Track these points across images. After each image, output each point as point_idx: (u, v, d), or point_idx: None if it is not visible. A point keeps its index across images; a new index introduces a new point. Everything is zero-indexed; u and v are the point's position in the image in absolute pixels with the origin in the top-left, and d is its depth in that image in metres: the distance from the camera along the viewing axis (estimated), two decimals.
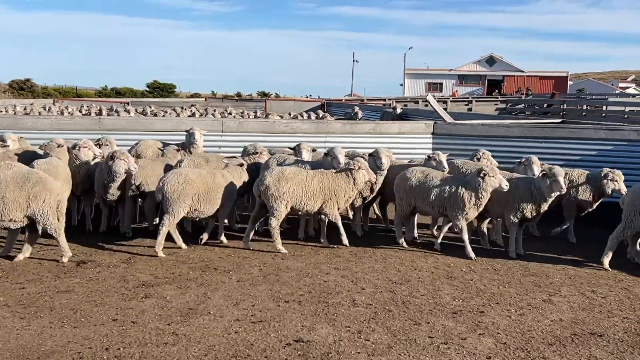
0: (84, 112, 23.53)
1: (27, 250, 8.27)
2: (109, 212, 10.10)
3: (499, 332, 6.18)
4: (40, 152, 9.87)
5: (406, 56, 78.18)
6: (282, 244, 8.97)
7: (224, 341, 5.79)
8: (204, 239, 9.25)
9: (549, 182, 8.79)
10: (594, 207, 10.01)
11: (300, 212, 9.31)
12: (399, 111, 23.10)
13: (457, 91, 69.65)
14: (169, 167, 9.76)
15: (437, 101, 26.84)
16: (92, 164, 9.70)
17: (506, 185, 8.78)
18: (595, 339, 6.08)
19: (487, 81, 76.30)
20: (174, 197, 8.57)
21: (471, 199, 8.85)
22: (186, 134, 11.19)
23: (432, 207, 9.20)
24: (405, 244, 9.49)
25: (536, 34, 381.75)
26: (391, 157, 10.41)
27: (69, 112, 22.47)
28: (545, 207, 8.99)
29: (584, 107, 29.43)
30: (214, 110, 26.05)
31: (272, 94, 75.00)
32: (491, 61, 79.19)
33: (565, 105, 28.53)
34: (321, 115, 25.54)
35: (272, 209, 8.86)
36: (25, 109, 23.67)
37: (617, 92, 61.69)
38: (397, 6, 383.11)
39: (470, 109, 35.73)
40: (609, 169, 9.72)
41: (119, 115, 20.97)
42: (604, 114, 25.33)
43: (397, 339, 5.95)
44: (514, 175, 9.52)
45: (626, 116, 23.41)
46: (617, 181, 9.57)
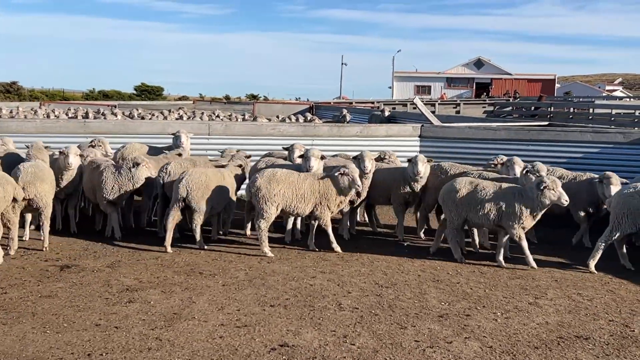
0: (70, 115, 23.35)
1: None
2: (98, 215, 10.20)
3: (484, 336, 6.16)
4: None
5: (395, 59, 78.12)
6: (269, 247, 8.93)
7: (208, 346, 5.74)
8: (214, 236, 9.79)
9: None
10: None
11: (291, 215, 9.27)
12: (387, 114, 23.15)
13: (445, 94, 69.83)
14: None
15: (426, 104, 26.94)
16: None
17: (566, 200, 8.38)
18: (581, 342, 6.08)
19: (475, 84, 76.57)
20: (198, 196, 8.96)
21: (528, 212, 8.50)
22: (173, 136, 11.20)
23: (486, 219, 8.74)
24: (463, 260, 8.93)
25: (524, 37, 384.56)
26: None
27: (56, 115, 22.34)
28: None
29: (571, 109, 29.53)
30: (202, 113, 25.95)
31: (260, 97, 74.91)
32: (479, 64, 79.52)
33: (552, 108, 28.56)
34: (309, 118, 25.53)
35: (261, 211, 8.82)
36: (10, 112, 23.47)
37: (604, 95, 62.09)
38: (385, 9, 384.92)
39: (458, 112, 35.84)
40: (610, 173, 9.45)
41: (105, 118, 20.84)
42: (590, 117, 25.44)
43: (382, 343, 5.92)
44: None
45: (613, 119, 23.51)
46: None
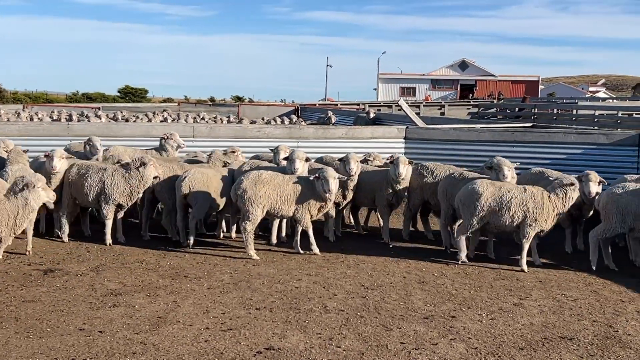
0: (54, 118, 23.19)
1: None
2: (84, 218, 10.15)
3: (470, 337, 6.18)
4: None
5: (380, 61, 78.40)
6: (254, 250, 8.91)
7: (194, 350, 5.71)
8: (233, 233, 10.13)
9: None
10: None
11: (276, 217, 9.27)
12: (372, 116, 23.15)
13: (430, 95, 70.11)
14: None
15: (411, 105, 27.02)
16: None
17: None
18: (565, 343, 6.11)
19: (459, 85, 76.93)
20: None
21: (555, 212, 8.64)
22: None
23: (510, 220, 8.65)
24: (466, 260, 8.92)
25: (508, 38, 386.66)
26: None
27: (39, 118, 22.14)
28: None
29: (555, 111, 29.73)
30: (187, 115, 25.87)
31: (246, 99, 74.77)
32: (464, 66, 79.94)
33: (536, 109, 28.77)
34: (294, 120, 25.52)
35: (247, 213, 8.80)
36: None
37: (587, 96, 62.55)
38: (370, 11, 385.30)
39: (443, 114, 36.01)
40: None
41: (89, 120, 20.72)
42: (574, 118, 25.59)
43: (368, 345, 5.92)
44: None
45: (596, 120, 23.68)
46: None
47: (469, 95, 68.58)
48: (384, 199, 10.05)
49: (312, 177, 8.89)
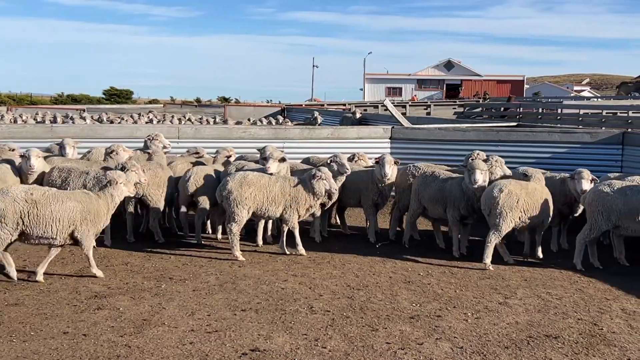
0: (38, 120, 23.03)
1: None
2: None
3: (455, 336, 6.19)
4: None
5: (366, 61, 79.09)
6: (240, 251, 8.88)
7: (178, 352, 5.68)
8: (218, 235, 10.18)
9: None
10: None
11: (262, 218, 9.25)
12: (358, 116, 23.19)
13: (416, 95, 70.37)
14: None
15: (397, 106, 27.06)
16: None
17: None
18: (550, 341, 6.13)
19: (445, 85, 77.23)
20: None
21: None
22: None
23: (538, 219, 8.88)
24: (491, 266, 8.68)
25: (493, 38, 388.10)
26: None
27: (23, 120, 21.98)
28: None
29: (540, 110, 29.86)
30: (172, 116, 25.76)
31: (232, 100, 74.59)
32: (449, 66, 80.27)
33: (521, 108, 28.88)
34: (281, 120, 25.48)
35: (233, 214, 8.77)
36: None
37: (572, 95, 62.97)
38: (356, 11, 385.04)
39: (429, 113, 36.09)
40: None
41: (74, 122, 20.59)
42: (559, 117, 25.71)
43: (354, 345, 5.92)
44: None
45: (580, 119, 23.81)
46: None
47: (456, 94, 68.84)
48: (370, 198, 10.06)
49: (313, 179, 8.89)
